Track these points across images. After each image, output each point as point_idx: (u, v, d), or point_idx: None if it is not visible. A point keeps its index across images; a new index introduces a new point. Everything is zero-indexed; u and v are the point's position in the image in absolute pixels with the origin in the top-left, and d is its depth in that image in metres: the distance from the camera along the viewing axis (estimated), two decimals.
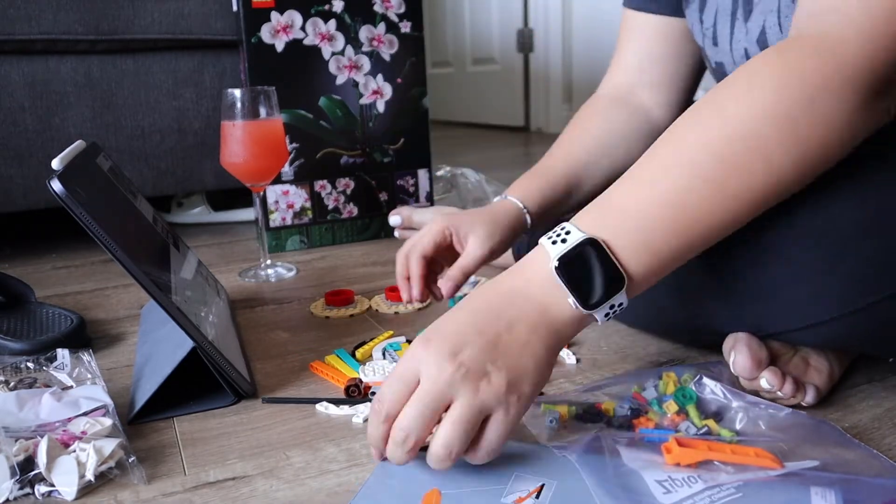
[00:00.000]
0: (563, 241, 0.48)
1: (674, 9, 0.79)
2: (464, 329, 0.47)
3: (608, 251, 0.47)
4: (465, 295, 0.52)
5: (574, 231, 0.48)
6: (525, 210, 0.77)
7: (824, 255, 0.52)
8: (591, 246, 0.47)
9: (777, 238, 0.54)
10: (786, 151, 0.47)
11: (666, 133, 0.51)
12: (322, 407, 0.62)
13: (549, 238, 0.49)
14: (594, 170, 0.82)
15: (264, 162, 0.95)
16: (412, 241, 0.75)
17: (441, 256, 0.76)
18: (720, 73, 0.73)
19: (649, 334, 0.75)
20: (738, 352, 0.58)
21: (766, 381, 0.57)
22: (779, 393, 0.57)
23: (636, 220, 0.48)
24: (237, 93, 0.92)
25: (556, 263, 0.47)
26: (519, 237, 0.78)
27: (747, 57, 0.66)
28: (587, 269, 0.47)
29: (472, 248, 0.72)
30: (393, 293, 0.88)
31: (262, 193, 1.04)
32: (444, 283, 0.72)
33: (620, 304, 0.48)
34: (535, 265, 0.49)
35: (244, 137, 0.93)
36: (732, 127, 0.47)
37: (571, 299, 0.47)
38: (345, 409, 0.61)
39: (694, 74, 0.85)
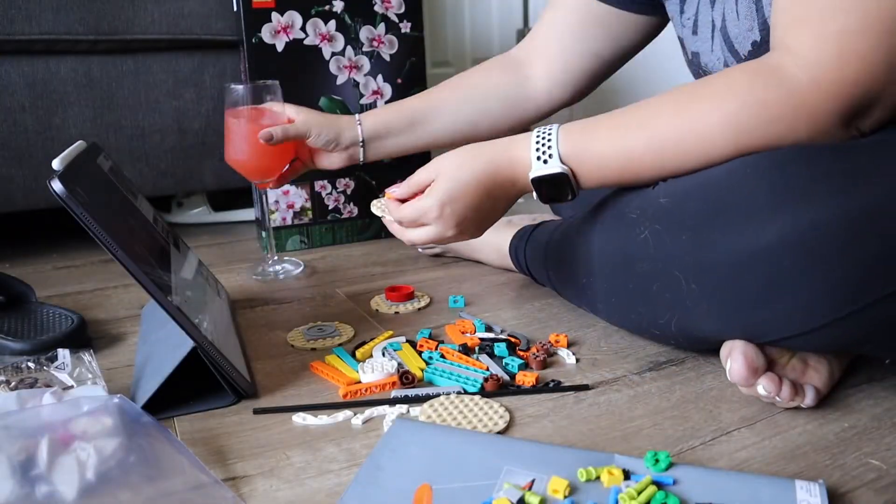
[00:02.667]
0: (545, 162, 0.64)
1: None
2: (471, 205, 0.68)
3: (572, 181, 0.65)
4: (462, 298, 0.52)
5: (555, 156, 0.64)
6: (359, 122, 0.91)
7: (812, 261, 0.51)
8: (562, 175, 0.64)
9: (764, 245, 0.53)
10: (727, 153, 0.57)
11: (657, 98, 0.62)
12: (300, 418, 0.61)
13: (537, 152, 0.65)
14: (447, 114, 0.91)
15: (269, 158, 0.93)
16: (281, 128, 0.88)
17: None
18: (695, 64, 0.75)
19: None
20: (734, 360, 0.57)
21: (762, 387, 0.57)
22: (777, 398, 0.57)
23: (599, 160, 0.63)
24: (241, 87, 0.91)
25: (534, 176, 0.65)
26: (343, 140, 0.90)
27: (720, 44, 0.69)
28: (555, 185, 0.65)
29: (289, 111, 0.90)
30: (393, 293, 0.88)
31: (266, 190, 1.02)
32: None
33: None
34: (520, 163, 0.66)
35: (249, 133, 0.90)
36: (694, 122, 0.58)
37: (535, 194, 0.67)
38: (323, 419, 0.60)
39: (597, 68, 0.87)
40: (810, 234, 0.51)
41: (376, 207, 0.75)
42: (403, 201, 0.71)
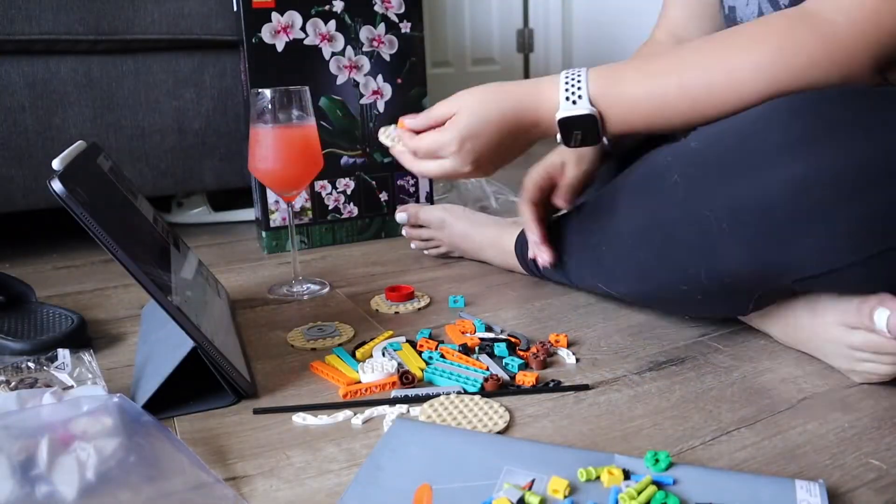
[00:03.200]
0: (574, 103, 0.64)
1: None
2: (492, 143, 0.68)
3: (599, 124, 0.64)
4: (462, 298, 0.52)
5: (584, 97, 0.64)
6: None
7: (840, 197, 0.52)
8: (590, 116, 0.64)
9: (794, 179, 0.54)
10: (761, 96, 0.58)
11: (686, 45, 0.63)
12: (300, 418, 0.61)
13: (566, 93, 0.64)
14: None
15: (298, 169, 0.88)
16: (531, 181, 0.86)
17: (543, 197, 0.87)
18: (731, 20, 0.76)
19: (663, 310, 0.77)
20: (893, 309, 0.56)
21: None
22: None
23: (629, 104, 0.63)
24: (268, 93, 0.85)
25: (562, 117, 0.65)
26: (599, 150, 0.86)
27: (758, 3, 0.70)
28: (582, 128, 0.65)
29: (570, 170, 0.85)
30: (393, 293, 0.88)
31: (292, 203, 0.96)
32: (565, 198, 0.85)
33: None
34: (547, 104, 0.66)
35: (277, 143, 0.85)
36: (727, 68, 0.59)
37: (559, 136, 0.67)
38: (323, 419, 0.60)
39: None
40: (839, 170, 0.52)
41: (385, 136, 0.74)
42: (418, 134, 0.72)
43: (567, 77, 0.65)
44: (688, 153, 0.63)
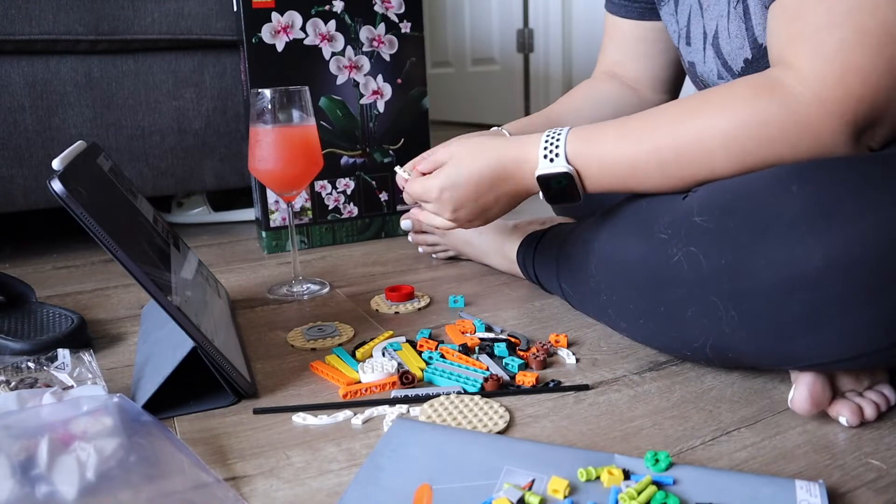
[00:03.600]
0: (551, 161, 0.65)
1: (640, 13, 0.86)
2: (469, 195, 0.70)
3: (577, 181, 0.65)
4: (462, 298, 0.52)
5: (562, 156, 0.65)
6: (506, 133, 0.84)
7: (860, 287, 0.48)
8: (567, 174, 0.65)
9: (810, 270, 0.50)
10: (730, 167, 0.57)
11: (665, 107, 0.62)
12: (300, 418, 0.61)
13: (545, 150, 0.66)
14: (584, 118, 0.89)
15: (298, 169, 0.88)
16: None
17: None
18: (692, 73, 0.76)
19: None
20: (798, 389, 0.55)
21: (845, 420, 0.56)
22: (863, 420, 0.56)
23: (605, 165, 0.64)
24: (268, 93, 0.85)
25: (539, 174, 0.66)
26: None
27: (713, 58, 0.69)
28: (560, 185, 0.66)
29: None
30: (393, 293, 0.88)
31: (292, 203, 0.96)
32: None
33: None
34: (528, 161, 0.67)
35: (277, 143, 0.85)
36: (696, 134, 0.58)
37: (541, 193, 0.68)
38: (323, 419, 0.60)
39: (676, 65, 0.90)
40: (857, 257, 0.48)
41: (401, 177, 0.78)
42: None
43: (547, 136, 0.66)
44: (690, 229, 0.58)
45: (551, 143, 0.65)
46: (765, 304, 0.53)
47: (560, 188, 0.66)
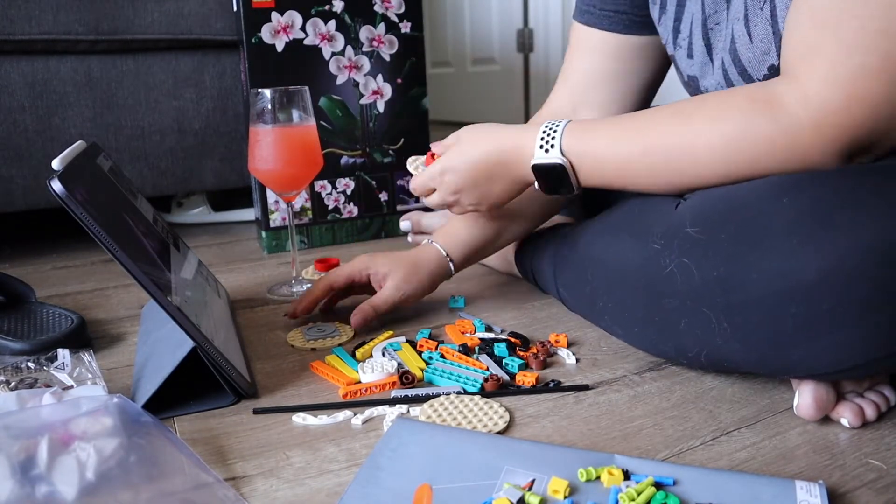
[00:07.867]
0: (546, 151, 0.65)
1: (626, 27, 0.78)
2: (468, 181, 0.71)
3: (570, 174, 0.65)
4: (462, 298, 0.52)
5: (557, 147, 0.65)
6: (448, 258, 0.83)
7: (854, 298, 0.48)
8: (560, 166, 0.65)
9: (803, 282, 0.49)
10: (717, 176, 0.57)
11: (654, 111, 0.62)
12: (300, 418, 0.61)
13: (541, 140, 0.66)
14: (521, 219, 0.84)
15: (298, 169, 0.88)
16: (334, 269, 0.84)
17: (361, 290, 0.85)
18: (693, 87, 0.73)
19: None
20: (802, 395, 0.56)
21: (847, 422, 0.56)
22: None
23: (597, 160, 0.64)
24: (268, 93, 0.84)
25: (534, 164, 0.66)
26: (441, 281, 0.84)
27: (724, 68, 0.66)
28: (554, 174, 0.66)
29: (386, 292, 0.80)
30: (321, 264, 0.94)
31: (292, 203, 0.96)
32: (355, 315, 0.78)
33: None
34: (525, 150, 0.67)
35: (277, 143, 0.85)
36: (686, 142, 0.58)
37: (536, 183, 0.69)
38: (323, 419, 0.60)
39: (644, 91, 0.82)
40: (851, 269, 0.47)
41: (412, 165, 0.80)
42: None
43: (546, 127, 0.66)
44: (683, 240, 0.57)
45: (548, 134, 0.66)
46: (758, 316, 0.52)
47: (555, 179, 0.66)
